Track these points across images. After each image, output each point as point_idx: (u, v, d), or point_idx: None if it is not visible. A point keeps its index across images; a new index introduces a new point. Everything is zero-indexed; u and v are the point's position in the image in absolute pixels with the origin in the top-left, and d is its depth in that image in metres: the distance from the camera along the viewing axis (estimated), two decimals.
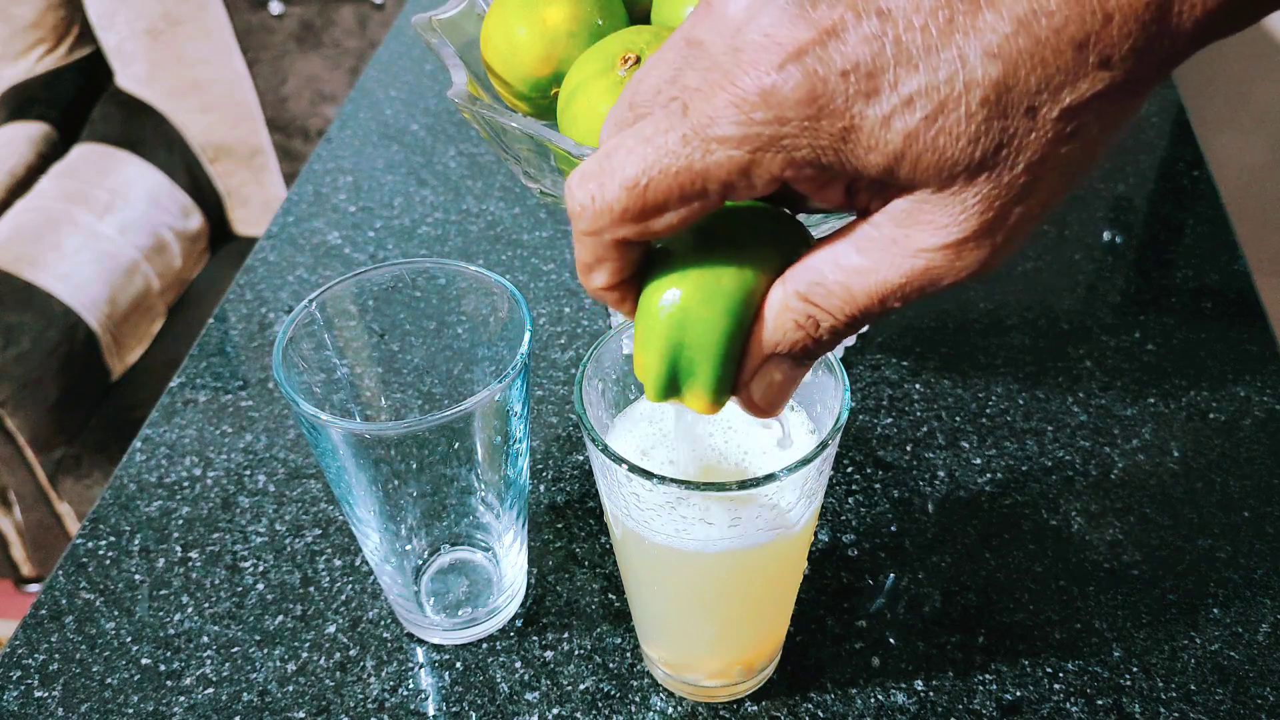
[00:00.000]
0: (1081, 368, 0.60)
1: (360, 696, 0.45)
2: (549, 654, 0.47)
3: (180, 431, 0.58)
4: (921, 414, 0.57)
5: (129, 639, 0.48)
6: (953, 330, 0.63)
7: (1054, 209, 0.25)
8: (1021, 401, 0.58)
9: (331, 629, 0.48)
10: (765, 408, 0.29)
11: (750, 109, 0.23)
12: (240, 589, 0.50)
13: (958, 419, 0.57)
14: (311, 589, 0.50)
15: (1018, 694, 0.45)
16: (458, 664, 0.47)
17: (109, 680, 0.46)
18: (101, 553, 0.52)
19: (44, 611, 0.49)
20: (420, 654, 0.47)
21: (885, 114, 0.23)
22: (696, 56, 0.24)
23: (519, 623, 0.48)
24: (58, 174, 1.38)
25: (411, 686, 0.46)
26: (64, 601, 0.50)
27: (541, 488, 0.54)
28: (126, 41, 1.45)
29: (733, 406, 0.30)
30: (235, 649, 0.47)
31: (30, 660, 0.47)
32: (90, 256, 1.29)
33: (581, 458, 0.56)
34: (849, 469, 0.54)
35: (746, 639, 0.43)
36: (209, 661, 0.47)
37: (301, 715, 0.45)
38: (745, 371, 0.28)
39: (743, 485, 0.33)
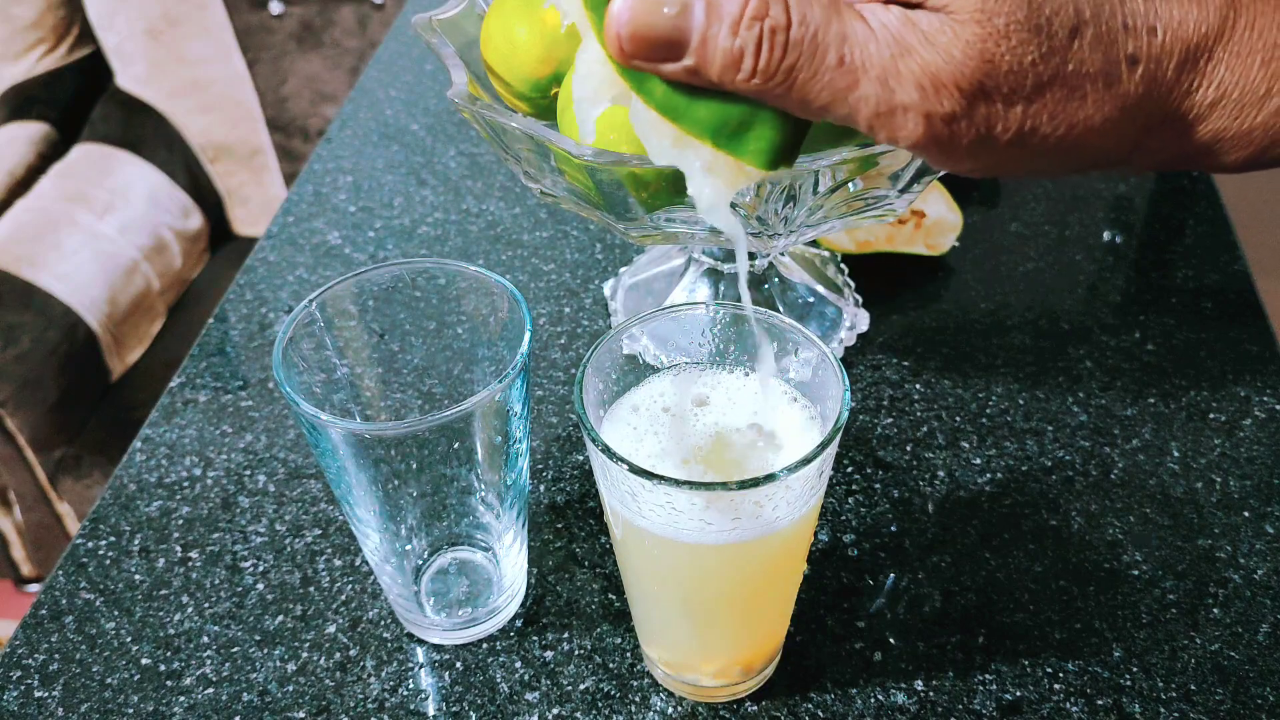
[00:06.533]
0: (1081, 368, 0.60)
1: (360, 696, 0.45)
2: (549, 654, 0.47)
3: (180, 431, 0.58)
4: (921, 414, 0.57)
5: (129, 639, 0.48)
6: (953, 330, 0.63)
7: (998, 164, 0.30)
8: (1021, 401, 0.58)
9: (331, 629, 0.48)
10: (625, 33, 0.28)
11: None
12: (240, 589, 0.50)
13: (958, 419, 0.57)
14: (311, 589, 0.50)
15: (1018, 694, 0.45)
16: (458, 664, 0.47)
17: (109, 680, 0.46)
18: (101, 553, 0.52)
19: (44, 611, 0.49)
20: (420, 654, 0.47)
21: None
22: None
23: (519, 623, 0.48)
24: (58, 174, 1.38)
25: (411, 686, 0.46)
26: (64, 601, 0.50)
27: (541, 488, 0.54)
28: (126, 41, 1.45)
29: (723, 389, 0.30)
30: (235, 649, 0.47)
31: (30, 660, 0.47)
32: (90, 256, 1.29)
33: (581, 458, 0.56)
34: (849, 469, 0.54)
35: (746, 639, 0.43)
36: (209, 661, 0.47)
37: (301, 715, 0.45)
38: None
39: (742, 485, 0.33)
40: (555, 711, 0.45)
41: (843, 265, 0.66)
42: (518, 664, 0.46)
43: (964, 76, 0.28)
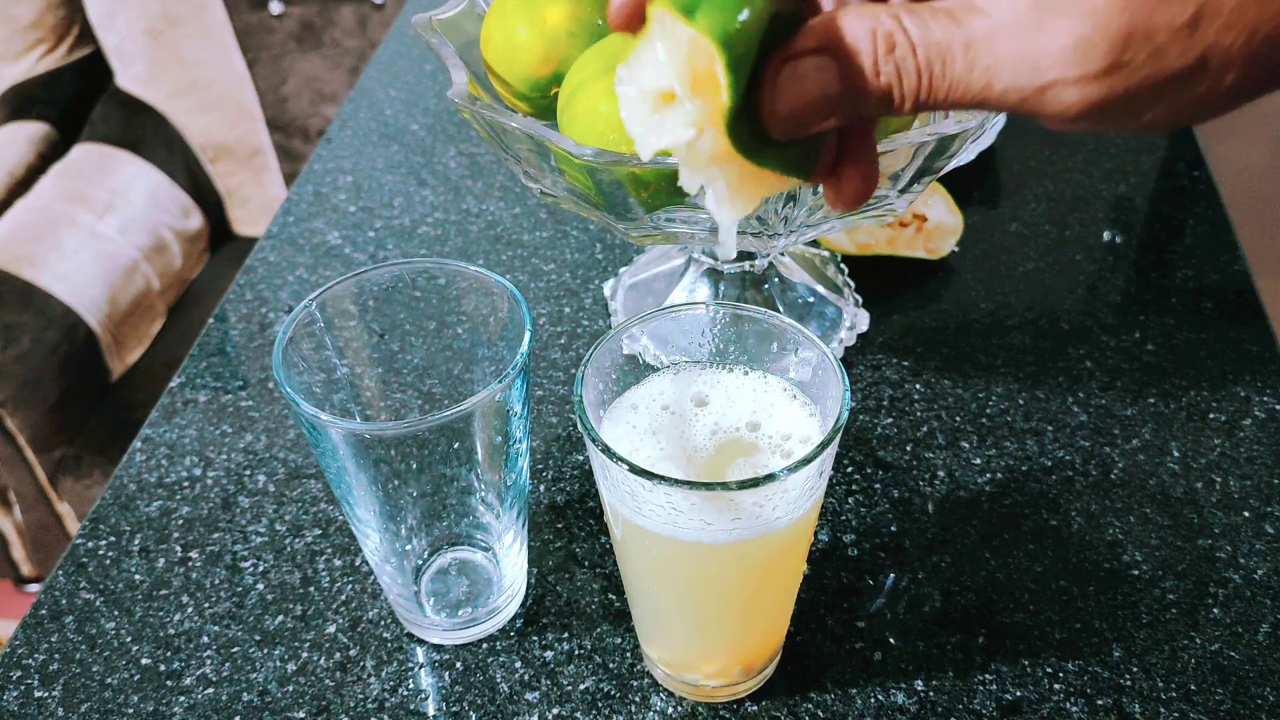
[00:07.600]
0: (1081, 368, 0.60)
1: (360, 696, 0.45)
2: (549, 654, 0.47)
3: (180, 431, 0.58)
4: (921, 414, 0.57)
5: (129, 639, 0.48)
6: (953, 330, 0.63)
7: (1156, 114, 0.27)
8: (1021, 401, 0.58)
9: (331, 629, 0.48)
10: (785, 114, 0.28)
11: None
12: (240, 589, 0.50)
13: (958, 419, 0.57)
14: (311, 589, 0.50)
15: (1018, 694, 0.45)
16: (458, 664, 0.47)
17: (109, 680, 0.46)
18: (101, 553, 0.52)
19: (44, 611, 0.49)
20: (420, 654, 0.47)
21: None
22: None
23: (519, 623, 0.48)
24: (58, 174, 1.38)
25: (411, 686, 0.46)
26: (64, 601, 0.50)
27: (541, 488, 0.54)
28: (126, 41, 1.45)
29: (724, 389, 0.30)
30: (235, 649, 0.47)
31: (30, 660, 0.47)
32: (90, 256, 1.29)
33: (581, 458, 0.56)
34: (849, 469, 0.54)
35: (746, 639, 0.43)
36: (209, 661, 0.47)
37: (301, 715, 0.45)
38: (778, 57, 0.27)
39: (742, 485, 0.33)
40: (555, 711, 0.45)
41: (843, 265, 0.66)
42: (518, 664, 0.46)
43: (1111, 19, 0.25)
